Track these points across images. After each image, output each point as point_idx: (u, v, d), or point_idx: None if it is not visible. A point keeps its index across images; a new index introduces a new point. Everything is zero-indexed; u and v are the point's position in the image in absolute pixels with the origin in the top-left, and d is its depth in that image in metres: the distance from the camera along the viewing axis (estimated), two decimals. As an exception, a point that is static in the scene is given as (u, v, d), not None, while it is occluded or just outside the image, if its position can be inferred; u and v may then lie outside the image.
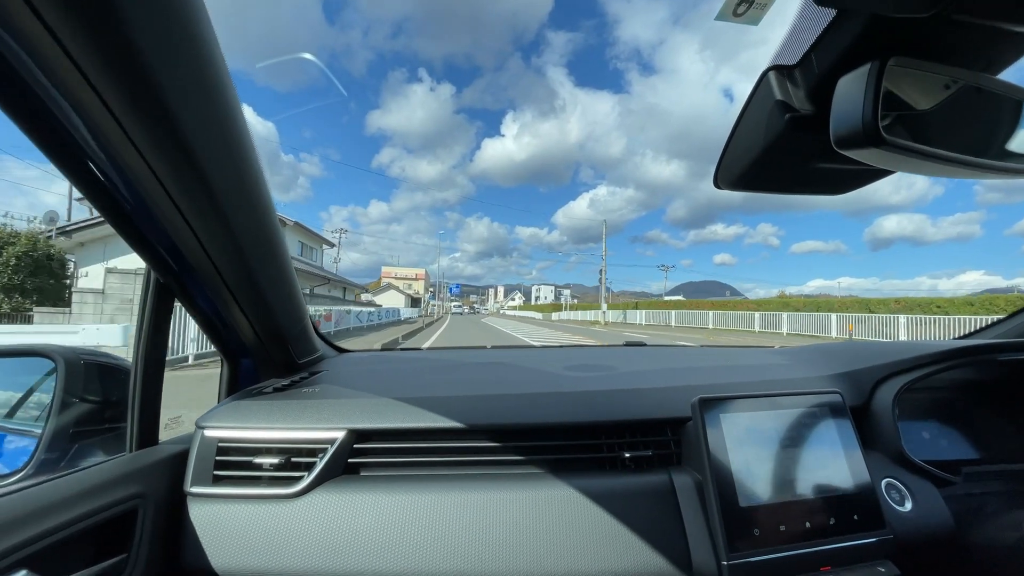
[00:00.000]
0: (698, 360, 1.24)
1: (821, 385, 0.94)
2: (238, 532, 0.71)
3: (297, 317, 1.00)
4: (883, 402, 0.92)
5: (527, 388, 0.94)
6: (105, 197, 0.61)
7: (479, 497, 0.73)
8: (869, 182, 0.55)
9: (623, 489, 0.75)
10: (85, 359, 0.93)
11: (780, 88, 0.47)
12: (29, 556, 0.52)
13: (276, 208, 0.80)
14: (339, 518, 0.72)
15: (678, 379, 1.00)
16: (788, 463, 0.74)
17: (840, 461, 0.76)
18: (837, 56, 0.41)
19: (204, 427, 0.80)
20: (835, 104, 0.40)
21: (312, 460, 0.78)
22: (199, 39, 0.50)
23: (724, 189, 0.58)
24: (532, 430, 0.83)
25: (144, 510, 0.68)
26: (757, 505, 0.70)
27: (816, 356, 1.16)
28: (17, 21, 0.39)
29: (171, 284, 0.78)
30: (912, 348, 0.98)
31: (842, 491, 0.74)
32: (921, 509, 0.81)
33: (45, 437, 0.84)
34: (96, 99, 0.46)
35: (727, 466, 0.72)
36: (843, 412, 0.81)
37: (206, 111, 0.55)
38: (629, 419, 0.85)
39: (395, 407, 0.84)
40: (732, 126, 0.52)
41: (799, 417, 0.79)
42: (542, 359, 1.28)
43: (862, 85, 0.37)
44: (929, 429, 1.00)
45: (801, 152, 0.50)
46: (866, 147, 0.38)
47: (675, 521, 0.72)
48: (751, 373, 1.07)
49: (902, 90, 0.40)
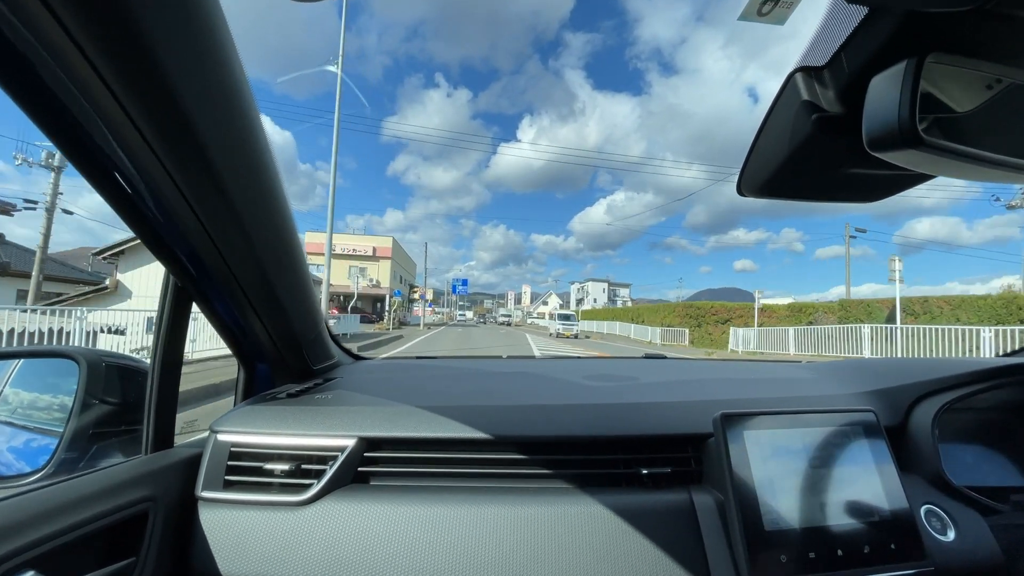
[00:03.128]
0: (720, 373, 1.19)
1: (852, 403, 0.90)
2: (247, 538, 0.71)
3: (313, 323, 1.01)
4: (921, 422, 0.86)
5: (543, 399, 0.92)
6: (129, 206, 0.62)
7: (491, 511, 0.71)
8: (903, 189, 0.52)
9: (640, 507, 0.72)
10: (107, 361, 0.95)
11: (808, 90, 0.44)
12: (37, 557, 0.52)
13: (294, 216, 0.80)
14: (347, 528, 0.70)
15: (699, 393, 0.96)
16: (817, 485, 0.70)
17: (875, 484, 0.72)
18: (869, 55, 0.39)
19: (218, 431, 0.80)
20: (868, 104, 0.37)
21: (322, 468, 0.77)
22: (219, 51, 0.51)
23: (748, 196, 0.56)
24: (547, 443, 0.81)
25: (155, 513, 0.68)
26: (784, 529, 0.66)
27: (846, 372, 1.11)
28: (47, 35, 0.40)
29: (189, 288, 0.79)
30: (953, 365, 0.92)
31: (877, 517, 0.69)
32: (966, 539, 0.75)
33: (65, 437, 0.85)
34: (119, 109, 0.47)
35: (751, 486, 0.68)
36: (878, 432, 0.76)
37: (225, 120, 0.56)
38: (647, 434, 0.82)
39: (407, 415, 0.83)
40: (756, 131, 0.50)
41: (829, 436, 0.74)
42: (559, 370, 1.26)
43: (898, 83, 0.35)
44: (972, 453, 0.94)
45: (831, 157, 0.47)
46: (902, 148, 0.35)
47: (695, 543, 0.69)
48: (776, 388, 1.02)
49: (940, 90, 0.38)
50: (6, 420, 1.01)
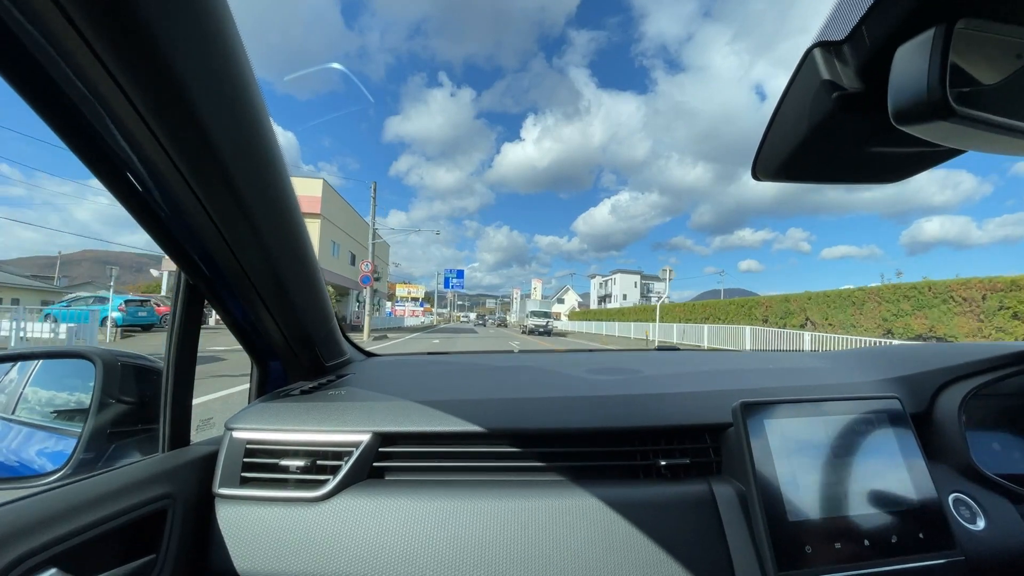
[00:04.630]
0: (735, 364, 1.18)
1: (875, 390, 0.88)
2: (264, 534, 0.71)
3: (324, 320, 1.01)
4: (947, 409, 0.84)
5: (558, 392, 0.91)
6: (140, 205, 0.63)
7: (508, 505, 0.71)
8: (929, 166, 0.50)
9: (659, 499, 0.71)
10: (122, 360, 0.95)
11: (827, 66, 0.43)
12: (59, 554, 0.53)
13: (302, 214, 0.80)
14: (363, 523, 0.70)
15: (716, 383, 0.95)
16: (841, 475, 0.68)
17: (901, 473, 0.70)
18: (894, 25, 0.37)
19: (233, 428, 0.81)
20: (893, 75, 0.36)
21: (337, 463, 0.77)
22: (227, 47, 0.51)
23: (764, 180, 0.54)
24: (563, 435, 0.80)
25: (173, 511, 0.69)
26: (808, 520, 0.65)
27: (866, 359, 1.08)
28: (57, 34, 0.40)
29: (201, 287, 0.79)
30: (978, 350, 0.90)
31: (904, 506, 0.67)
32: (996, 528, 0.73)
33: (84, 437, 0.86)
34: (130, 108, 0.47)
35: (773, 476, 0.67)
36: (903, 419, 0.74)
37: (234, 116, 0.56)
38: (665, 425, 0.81)
39: (420, 410, 0.83)
40: (772, 112, 0.49)
41: (852, 424, 0.73)
42: (570, 363, 1.25)
43: (926, 52, 0.34)
44: (1000, 440, 0.91)
45: (852, 135, 0.46)
46: (932, 120, 0.34)
47: (716, 535, 0.67)
48: (795, 377, 1.00)
49: (968, 60, 0.36)
50: (27, 421, 1.03)
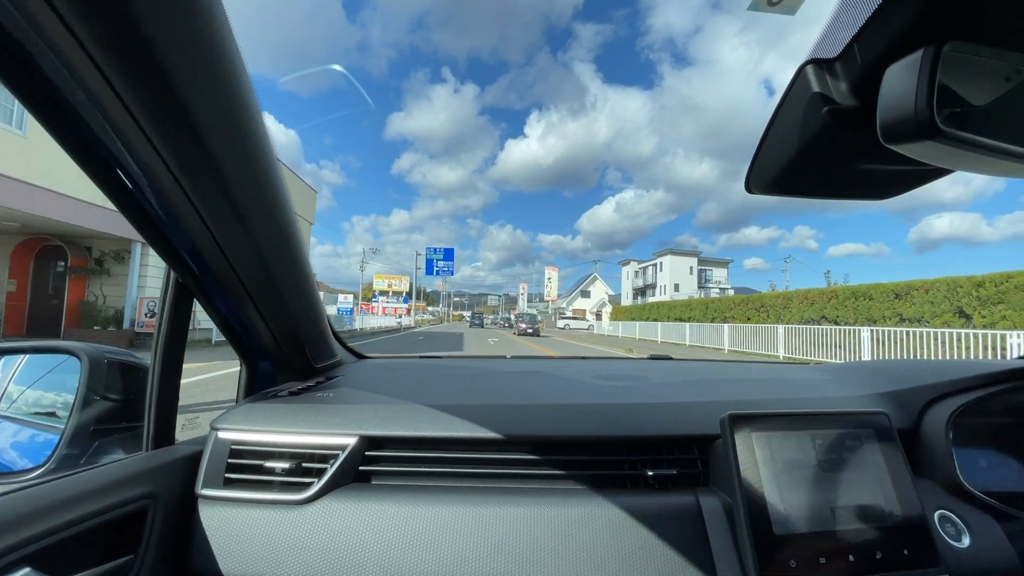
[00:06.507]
0: (728, 374, 1.18)
1: (863, 405, 0.88)
2: (247, 537, 0.70)
3: (315, 321, 1.00)
4: (934, 426, 0.85)
5: (547, 399, 0.91)
6: (130, 202, 0.62)
7: (493, 512, 0.70)
8: (918, 185, 0.50)
9: (645, 509, 0.70)
10: (109, 357, 0.94)
11: (819, 82, 0.43)
12: (33, 554, 0.52)
13: (295, 212, 0.80)
14: (347, 527, 0.69)
15: (706, 394, 0.95)
16: (827, 489, 0.68)
17: (887, 489, 0.70)
18: (884, 45, 0.37)
19: (218, 429, 0.80)
20: (883, 94, 0.36)
21: (323, 466, 0.76)
22: (218, 44, 0.50)
23: (757, 194, 0.54)
24: (550, 443, 0.80)
25: (154, 511, 0.68)
26: (793, 534, 0.65)
27: (856, 373, 1.09)
28: (48, 30, 0.40)
29: (190, 285, 0.79)
30: (967, 367, 0.90)
31: (890, 522, 0.67)
32: (981, 545, 0.73)
33: (66, 434, 0.85)
34: (119, 104, 0.47)
35: (759, 489, 0.67)
36: (890, 435, 0.75)
37: (226, 114, 0.56)
38: (652, 435, 0.80)
39: (409, 414, 0.83)
40: (765, 126, 0.49)
41: (840, 438, 0.73)
42: (563, 369, 1.25)
43: (914, 73, 0.34)
44: (986, 457, 0.92)
45: (844, 152, 0.46)
46: (919, 140, 0.34)
47: (702, 546, 0.67)
48: (784, 389, 1.01)
49: (957, 82, 0.37)
50: (9, 416, 1.01)
